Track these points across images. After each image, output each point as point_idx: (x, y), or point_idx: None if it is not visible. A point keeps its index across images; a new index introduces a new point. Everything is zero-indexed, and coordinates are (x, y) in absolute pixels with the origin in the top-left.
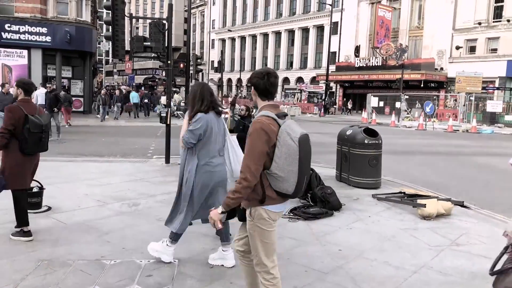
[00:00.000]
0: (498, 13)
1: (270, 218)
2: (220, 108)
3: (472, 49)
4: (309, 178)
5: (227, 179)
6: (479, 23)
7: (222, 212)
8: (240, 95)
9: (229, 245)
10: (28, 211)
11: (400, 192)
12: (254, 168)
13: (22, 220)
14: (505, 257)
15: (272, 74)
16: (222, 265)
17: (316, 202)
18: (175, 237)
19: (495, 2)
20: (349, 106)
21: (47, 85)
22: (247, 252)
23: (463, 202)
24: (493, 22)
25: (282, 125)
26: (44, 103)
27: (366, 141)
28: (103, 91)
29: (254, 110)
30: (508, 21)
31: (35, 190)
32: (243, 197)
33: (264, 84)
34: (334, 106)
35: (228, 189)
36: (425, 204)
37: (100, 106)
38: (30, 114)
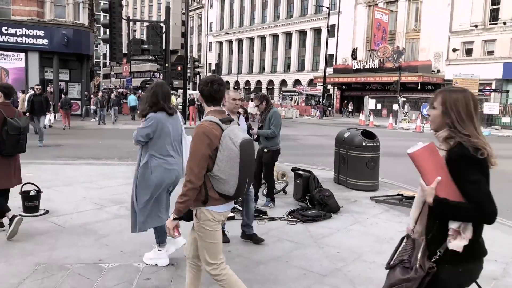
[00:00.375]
0: (494, 16)
1: (214, 219)
2: (168, 109)
3: (469, 52)
4: (251, 181)
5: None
6: (476, 26)
7: (175, 219)
8: None
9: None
10: (26, 214)
11: (398, 194)
12: (197, 170)
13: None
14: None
15: (216, 81)
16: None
17: (314, 204)
18: (159, 239)
19: (492, 5)
20: (350, 108)
21: (36, 87)
22: (195, 257)
23: None
24: (490, 24)
25: (225, 130)
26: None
27: (364, 144)
28: (100, 94)
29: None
30: (504, 23)
31: (32, 193)
32: (191, 199)
33: (208, 91)
34: (330, 109)
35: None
36: None
37: (98, 108)
38: (9, 117)
